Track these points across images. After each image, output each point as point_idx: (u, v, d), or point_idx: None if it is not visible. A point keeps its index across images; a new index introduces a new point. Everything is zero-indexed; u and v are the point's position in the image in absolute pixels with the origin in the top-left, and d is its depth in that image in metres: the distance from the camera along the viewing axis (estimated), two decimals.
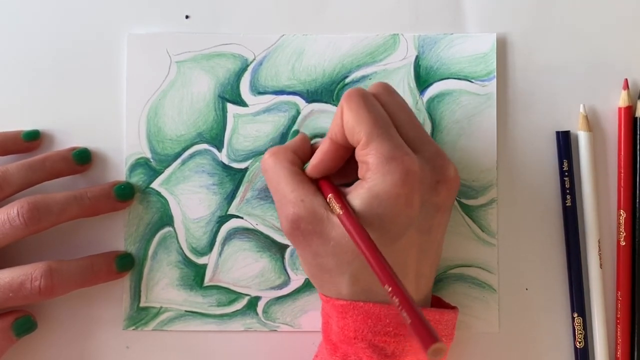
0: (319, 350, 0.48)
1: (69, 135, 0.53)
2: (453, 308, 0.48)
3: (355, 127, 0.43)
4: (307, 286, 0.53)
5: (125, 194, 0.52)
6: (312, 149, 0.49)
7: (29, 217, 0.47)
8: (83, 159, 0.52)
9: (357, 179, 0.45)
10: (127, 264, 0.52)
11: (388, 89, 0.46)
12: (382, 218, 0.43)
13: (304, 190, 0.45)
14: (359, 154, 0.44)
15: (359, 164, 0.44)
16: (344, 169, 0.48)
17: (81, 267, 0.49)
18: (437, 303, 0.50)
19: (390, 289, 0.38)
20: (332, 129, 0.46)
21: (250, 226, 0.53)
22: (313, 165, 0.47)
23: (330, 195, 0.44)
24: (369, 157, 0.43)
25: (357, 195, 0.43)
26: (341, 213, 0.42)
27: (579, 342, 0.51)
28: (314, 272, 0.46)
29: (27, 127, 0.53)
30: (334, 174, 0.48)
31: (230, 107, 0.53)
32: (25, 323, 0.49)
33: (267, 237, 0.53)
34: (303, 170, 0.48)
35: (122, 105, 0.53)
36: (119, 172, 0.53)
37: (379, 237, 0.42)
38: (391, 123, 0.44)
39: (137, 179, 0.53)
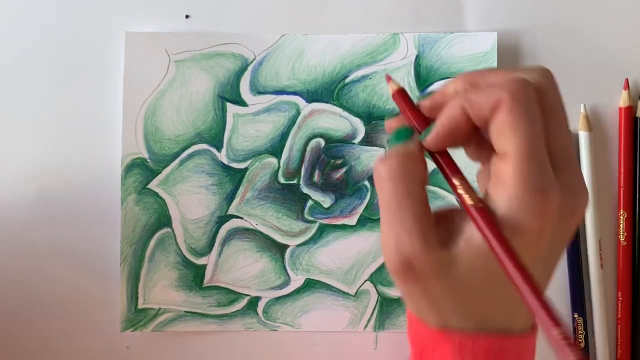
0: None
1: (64, 133, 0.53)
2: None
3: (508, 133, 0.35)
4: (307, 286, 0.53)
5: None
6: (433, 104, 0.39)
7: None
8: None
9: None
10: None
11: (553, 83, 0.38)
12: None
13: (424, 221, 0.36)
14: (497, 163, 0.36)
15: (492, 173, 0.36)
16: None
17: None
18: None
19: (561, 333, 0.31)
20: (475, 97, 0.36)
21: (250, 226, 0.53)
22: (436, 134, 0.37)
23: (458, 178, 0.36)
24: (510, 179, 0.35)
25: None
26: (480, 206, 0.35)
27: (580, 342, 0.51)
28: (420, 309, 0.39)
29: (24, 124, 0.53)
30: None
31: (229, 106, 0.53)
32: None
33: (267, 237, 0.53)
34: (424, 188, 0.38)
35: (118, 104, 0.53)
36: (114, 173, 0.53)
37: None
38: (544, 140, 0.36)
39: (133, 179, 0.52)
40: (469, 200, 0.35)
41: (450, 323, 0.38)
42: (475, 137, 0.39)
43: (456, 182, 0.36)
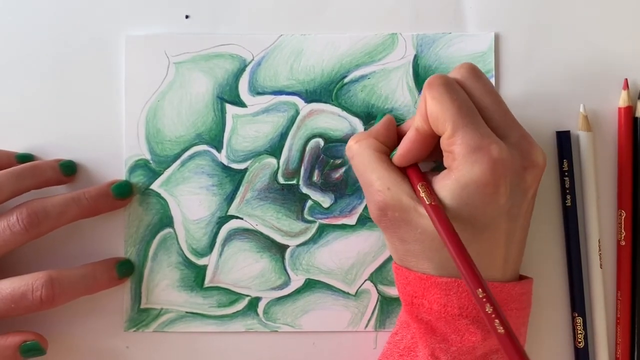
0: (397, 332, 0.48)
1: (67, 137, 0.53)
2: (528, 278, 0.48)
3: (440, 117, 0.43)
4: (307, 286, 0.53)
5: (123, 192, 0.52)
6: (399, 132, 0.49)
7: (28, 222, 0.47)
8: (69, 169, 0.52)
9: (439, 160, 0.46)
10: (127, 270, 0.52)
11: (473, 72, 0.46)
12: (472, 209, 0.43)
13: (390, 178, 0.45)
14: (445, 143, 0.44)
15: (445, 153, 0.44)
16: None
17: (82, 276, 0.49)
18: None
19: (483, 295, 0.39)
20: (416, 118, 0.45)
21: (250, 227, 0.53)
22: (400, 154, 0.47)
23: (421, 183, 0.44)
24: (456, 147, 0.43)
25: (445, 186, 0.43)
26: (433, 204, 0.42)
27: (579, 342, 0.51)
28: (401, 256, 0.46)
29: (26, 128, 0.53)
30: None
31: (229, 107, 0.53)
32: (32, 348, 0.48)
33: (267, 237, 0.53)
34: (389, 156, 0.47)
35: (121, 107, 0.53)
36: (119, 174, 0.53)
37: (468, 226, 0.42)
38: (476, 110, 0.44)
39: (136, 180, 0.53)
40: (427, 200, 0.43)
41: (427, 270, 0.45)
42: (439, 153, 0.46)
43: (419, 187, 0.44)
